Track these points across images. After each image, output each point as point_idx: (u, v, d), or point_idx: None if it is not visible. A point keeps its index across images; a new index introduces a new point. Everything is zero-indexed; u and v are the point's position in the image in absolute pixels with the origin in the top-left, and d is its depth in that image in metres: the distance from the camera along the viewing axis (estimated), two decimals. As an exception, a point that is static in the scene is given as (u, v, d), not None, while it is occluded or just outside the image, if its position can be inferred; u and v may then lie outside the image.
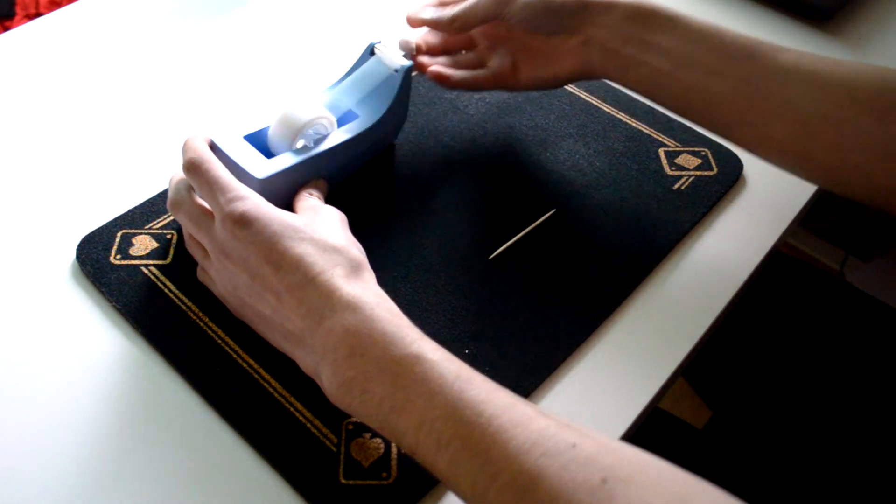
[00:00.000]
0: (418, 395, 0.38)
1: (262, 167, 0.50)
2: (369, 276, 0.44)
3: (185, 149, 0.48)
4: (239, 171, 0.50)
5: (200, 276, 0.51)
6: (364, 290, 0.42)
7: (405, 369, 0.38)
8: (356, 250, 0.45)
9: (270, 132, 0.53)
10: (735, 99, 0.51)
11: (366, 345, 0.39)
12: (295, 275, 0.42)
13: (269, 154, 0.53)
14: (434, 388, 0.37)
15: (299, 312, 0.41)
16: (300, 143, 0.53)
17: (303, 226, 0.44)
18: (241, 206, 0.43)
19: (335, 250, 0.43)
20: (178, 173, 0.50)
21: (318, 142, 0.53)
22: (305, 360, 0.43)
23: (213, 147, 0.51)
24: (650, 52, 0.53)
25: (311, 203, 0.50)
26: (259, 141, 0.53)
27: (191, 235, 0.50)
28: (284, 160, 0.51)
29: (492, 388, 0.38)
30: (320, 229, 0.45)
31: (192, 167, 0.46)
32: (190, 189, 0.49)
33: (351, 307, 0.40)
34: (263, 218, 0.43)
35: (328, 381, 0.41)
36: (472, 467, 0.35)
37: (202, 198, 0.47)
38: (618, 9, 0.53)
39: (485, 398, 0.37)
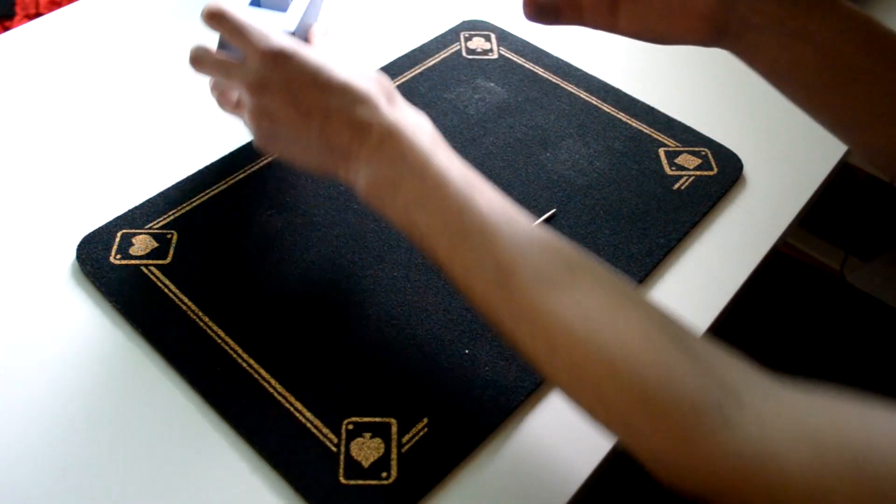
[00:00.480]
0: (436, 198, 0.43)
1: (287, 20, 0.52)
2: (402, 100, 0.48)
3: (205, 9, 0.50)
4: None
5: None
6: (404, 115, 0.46)
7: (431, 178, 0.44)
8: (386, 81, 0.49)
9: None
10: (873, 103, 0.47)
11: (405, 155, 0.44)
12: (344, 97, 0.46)
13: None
14: (449, 194, 0.43)
15: (349, 128, 0.46)
16: None
17: (337, 60, 0.48)
18: (279, 42, 0.47)
19: (373, 79, 0.47)
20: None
21: None
22: (347, 171, 0.47)
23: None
24: (799, 37, 0.46)
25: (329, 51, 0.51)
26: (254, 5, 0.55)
27: (221, 90, 0.53)
28: (299, 5, 0.53)
29: (496, 198, 0.43)
30: (352, 64, 0.48)
31: (217, 15, 0.49)
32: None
33: (396, 126, 0.45)
34: (303, 51, 0.47)
35: (365, 180, 0.45)
36: (469, 254, 0.42)
37: (234, 42, 0.49)
38: None
39: (489, 206, 0.43)
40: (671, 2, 0.49)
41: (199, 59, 0.51)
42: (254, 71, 0.48)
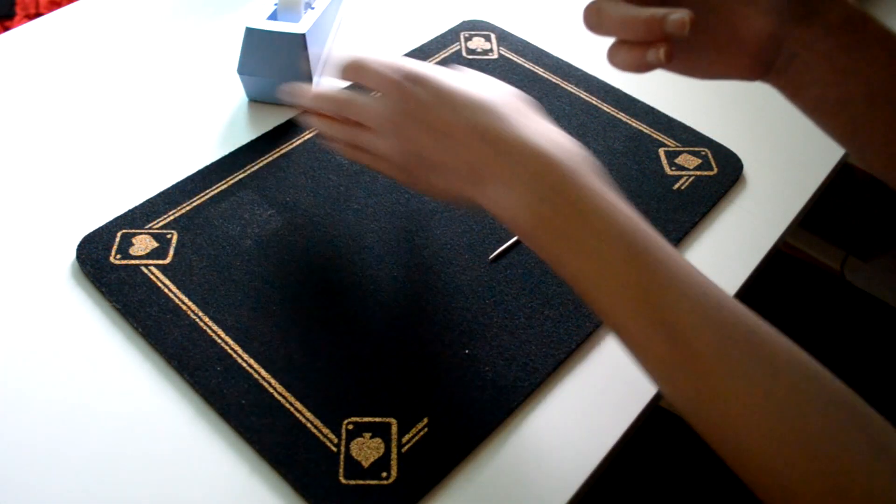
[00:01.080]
0: (605, 250, 0.39)
1: (300, 26, 0.62)
2: (539, 117, 0.45)
3: (341, 63, 0.50)
4: (282, 37, 0.62)
5: (364, 158, 0.51)
6: (541, 134, 0.43)
7: (595, 224, 0.40)
8: (522, 96, 0.47)
9: (281, 8, 0.63)
10: None
11: (559, 190, 0.41)
12: (484, 116, 0.44)
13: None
14: (620, 247, 0.39)
15: (480, 145, 0.43)
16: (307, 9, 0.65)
17: (471, 79, 0.46)
18: (414, 67, 0.46)
19: (505, 94, 0.46)
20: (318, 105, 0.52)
21: (306, 5, 0.65)
22: (484, 193, 0.44)
23: (251, 31, 0.62)
24: (848, 74, 0.44)
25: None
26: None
27: (344, 141, 0.51)
28: (312, 15, 0.64)
29: (668, 249, 0.40)
30: (482, 79, 0.47)
31: (355, 64, 0.49)
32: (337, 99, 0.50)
33: (537, 149, 0.42)
34: (436, 73, 0.46)
35: (512, 209, 0.42)
36: (642, 316, 0.38)
37: (370, 86, 0.48)
38: (837, 7, 0.44)
39: (666, 261, 0.39)
40: (719, 40, 0.46)
41: (347, 105, 0.49)
42: (394, 102, 0.47)
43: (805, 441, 0.35)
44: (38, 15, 1.67)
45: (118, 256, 0.53)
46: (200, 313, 0.50)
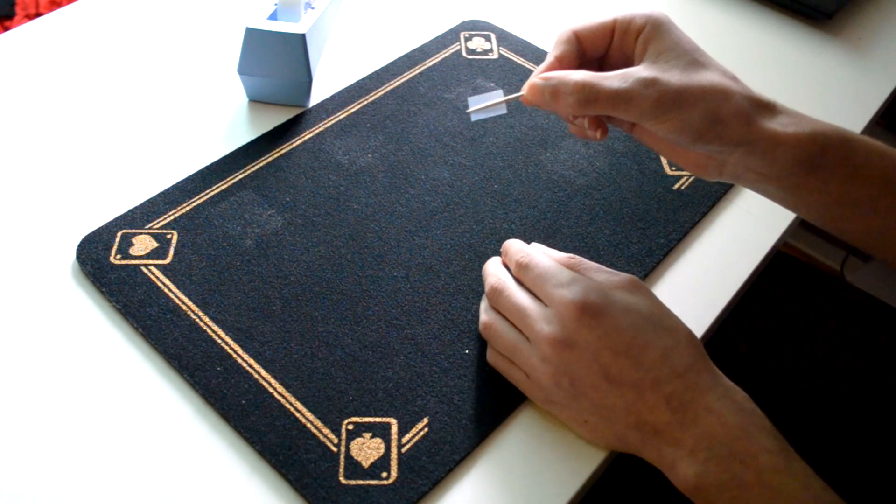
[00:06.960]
0: None
1: (300, 26, 0.62)
2: (715, 373, 0.43)
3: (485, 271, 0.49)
4: (282, 37, 0.61)
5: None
6: (732, 401, 0.41)
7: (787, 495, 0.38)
8: (698, 343, 0.44)
9: (281, 8, 0.63)
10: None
11: (747, 451, 0.39)
12: (660, 370, 0.41)
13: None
14: None
15: (667, 407, 0.41)
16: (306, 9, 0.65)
17: (652, 310, 0.43)
18: (584, 294, 0.42)
19: (693, 343, 0.43)
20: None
21: (306, 5, 0.65)
22: (658, 454, 0.42)
23: (251, 31, 0.61)
24: (801, 190, 0.44)
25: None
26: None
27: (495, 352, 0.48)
28: (312, 15, 0.64)
29: None
30: (663, 312, 0.44)
31: (518, 267, 0.47)
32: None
33: (731, 408, 0.40)
34: (613, 308, 0.42)
35: (689, 478, 0.40)
36: None
37: (535, 291, 0.45)
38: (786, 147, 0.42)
39: None
40: (672, 148, 0.46)
41: (486, 328, 0.47)
42: (557, 322, 0.43)
43: None
44: (38, 15, 1.67)
45: (118, 256, 0.53)
46: (200, 313, 0.50)
